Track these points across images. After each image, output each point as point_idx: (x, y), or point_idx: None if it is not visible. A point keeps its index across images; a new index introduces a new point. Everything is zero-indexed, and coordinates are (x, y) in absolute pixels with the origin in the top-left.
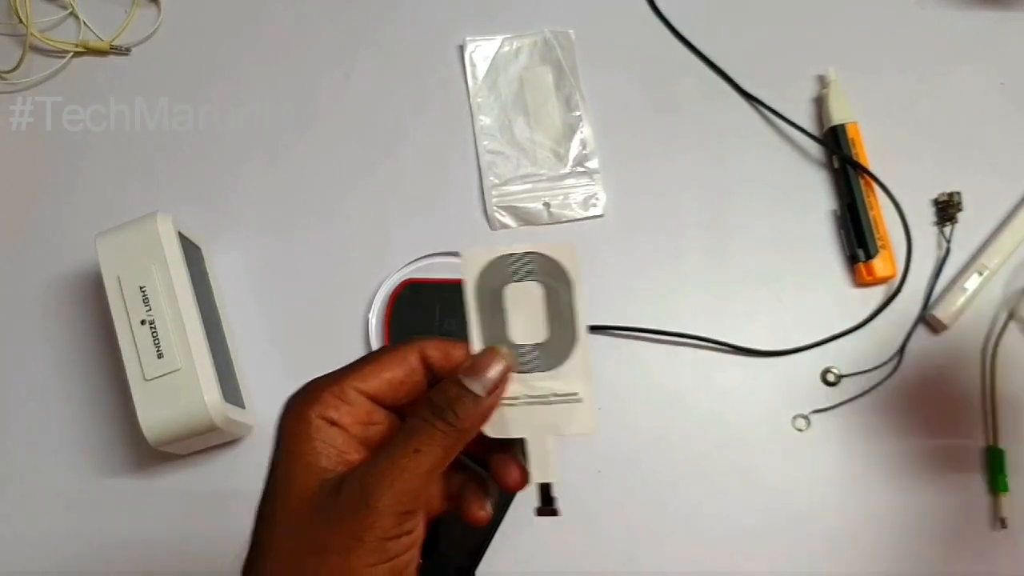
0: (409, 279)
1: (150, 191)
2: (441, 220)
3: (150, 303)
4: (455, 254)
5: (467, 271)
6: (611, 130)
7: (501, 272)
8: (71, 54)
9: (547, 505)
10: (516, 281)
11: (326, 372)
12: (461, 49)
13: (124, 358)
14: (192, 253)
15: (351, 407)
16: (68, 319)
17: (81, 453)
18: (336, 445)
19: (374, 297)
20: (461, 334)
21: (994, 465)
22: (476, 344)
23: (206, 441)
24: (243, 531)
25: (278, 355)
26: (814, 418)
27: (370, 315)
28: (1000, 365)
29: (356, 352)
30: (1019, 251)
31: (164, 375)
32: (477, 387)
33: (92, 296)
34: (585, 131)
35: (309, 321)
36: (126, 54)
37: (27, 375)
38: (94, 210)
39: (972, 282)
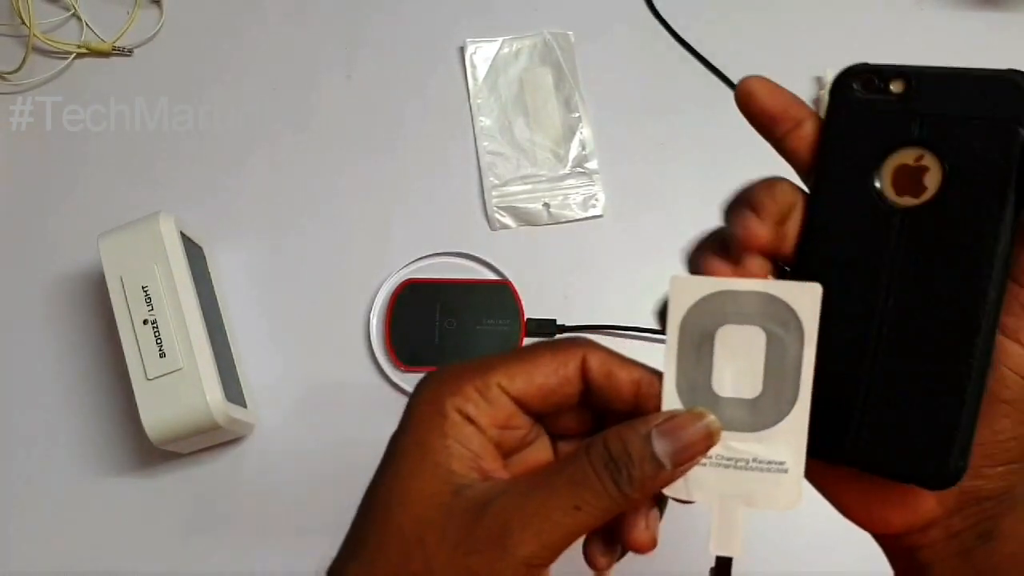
0: (409, 279)
1: (151, 191)
2: (441, 220)
3: (152, 303)
4: (455, 254)
5: (676, 301)
6: (611, 131)
7: (718, 309)
8: (73, 55)
9: None
10: (734, 323)
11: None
12: (461, 51)
13: (127, 358)
14: (194, 253)
15: (491, 407)
16: (70, 319)
17: (84, 452)
18: (471, 448)
19: (375, 297)
20: (460, 334)
21: None
22: (669, 388)
23: (208, 440)
24: (244, 529)
25: (280, 354)
26: None
27: (371, 315)
28: None
29: (357, 351)
30: None
31: (166, 374)
32: (663, 453)
33: (94, 296)
34: (584, 132)
35: (310, 320)
36: (128, 55)
37: (29, 375)
38: (95, 210)
39: None
